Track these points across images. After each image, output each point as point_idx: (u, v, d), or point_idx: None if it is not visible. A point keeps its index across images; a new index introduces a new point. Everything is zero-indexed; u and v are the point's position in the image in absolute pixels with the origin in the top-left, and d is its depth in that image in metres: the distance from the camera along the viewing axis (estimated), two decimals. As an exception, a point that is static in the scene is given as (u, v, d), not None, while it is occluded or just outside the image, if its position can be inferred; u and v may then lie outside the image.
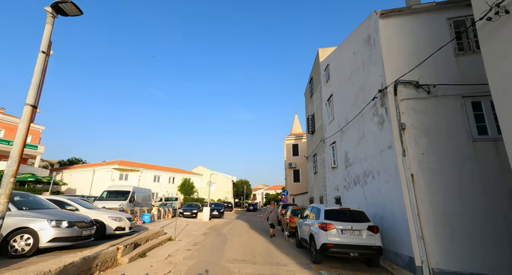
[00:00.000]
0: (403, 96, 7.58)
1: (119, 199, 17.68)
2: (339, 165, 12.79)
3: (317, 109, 17.72)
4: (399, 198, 7.19)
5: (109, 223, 8.82)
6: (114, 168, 38.58)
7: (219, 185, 55.21)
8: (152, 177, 42.89)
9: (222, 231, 15.06)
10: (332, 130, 13.82)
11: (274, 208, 13.16)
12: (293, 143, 30.83)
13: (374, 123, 8.84)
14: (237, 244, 10.74)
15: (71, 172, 41.08)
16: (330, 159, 14.17)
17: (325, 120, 15.55)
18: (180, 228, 15.35)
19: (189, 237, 12.56)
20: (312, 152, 18.70)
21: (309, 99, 20.32)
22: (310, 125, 18.99)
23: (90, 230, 6.85)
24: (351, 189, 11.00)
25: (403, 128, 7.36)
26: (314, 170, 18.18)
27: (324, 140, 15.53)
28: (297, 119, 44.96)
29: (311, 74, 19.46)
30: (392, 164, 7.62)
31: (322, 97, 16.14)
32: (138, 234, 9.76)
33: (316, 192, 17.63)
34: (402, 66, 7.79)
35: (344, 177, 11.99)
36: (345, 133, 11.89)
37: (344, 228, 7.11)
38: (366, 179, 9.50)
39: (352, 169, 10.97)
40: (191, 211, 24.32)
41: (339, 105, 12.89)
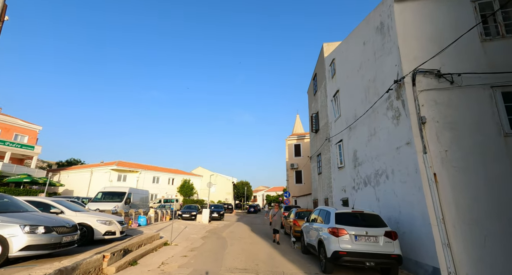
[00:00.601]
0: (423, 86, 6.81)
1: (115, 200, 16.92)
2: (346, 164, 12.01)
3: (321, 107, 16.96)
4: (420, 200, 6.41)
5: (97, 227, 8.05)
6: (112, 169, 37.85)
7: (219, 187, 54.40)
8: (151, 178, 42.13)
9: (222, 235, 14.27)
10: (339, 128, 13.05)
11: (278, 211, 11.86)
12: (295, 143, 30.06)
13: (388, 118, 8.07)
14: (238, 250, 9.96)
15: (68, 173, 40.37)
16: (336, 158, 13.39)
17: (330, 118, 14.79)
18: (178, 231, 14.56)
19: (187, 241, 11.78)
20: (316, 152, 17.92)
21: (312, 97, 19.57)
22: (313, 124, 18.22)
23: (72, 236, 6.09)
24: (361, 190, 10.22)
25: (423, 122, 6.59)
26: (318, 171, 17.39)
27: (330, 139, 14.75)
28: (298, 119, 44.26)
29: (315, 70, 18.72)
30: (410, 162, 6.84)
31: (327, 94, 15.39)
32: (130, 239, 8.99)
33: (320, 193, 16.83)
34: (421, 54, 7.03)
35: (352, 178, 11.21)
36: (353, 131, 11.12)
37: (358, 234, 6.32)
38: (378, 179, 8.72)
39: (361, 168, 10.20)
40: (190, 213, 23.53)
41: (346, 101, 12.13)
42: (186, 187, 45.43)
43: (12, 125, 33.20)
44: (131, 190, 18.29)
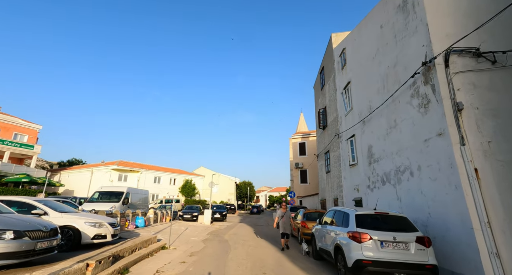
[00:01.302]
0: (458, 68, 5.86)
1: (112, 200, 16.09)
2: (359, 161, 11.05)
3: (329, 101, 16.00)
4: (457, 200, 5.45)
5: (85, 230, 7.18)
6: (113, 168, 37.15)
7: (221, 187, 53.55)
8: (152, 178, 41.38)
9: (224, 237, 13.36)
10: (350, 122, 12.09)
11: (286, 211, 10.28)
12: (300, 141, 29.08)
13: (413, 106, 7.11)
14: (242, 255, 9.04)
15: (69, 173, 39.73)
16: (347, 155, 12.42)
17: (340, 112, 13.82)
18: (178, 233, 13.68)
19: (187, 244, 10.89)
20: (324, 149, 16.95)
21: (319, 92, 18.61)
22: (321, 120, 17.26)
23: (50, 241, 5.21)
24: (378, 189, 9.25)
25: (459, 109, 5.63)
26: (327, 169, 16.42)
27: (339, 135, 13.79)
28: (302, 118, 43.32)
29: (322, 63, 17.78)
30: (443, 156, 5.88)
31: (336, 87, 14.43)
32: (123, 242, 8.11)
33: (329, 193, 15.86)
34: (455, 31, 6.08)
35: (367, 176, 10.25)
36: (368, 124, 10.16)
37: (384, 240, 5.37)
38: (400, 177, 7.76)
39: (378, 165, 9.23)
40: (191, 214, 22.69)
41: (359, 93, 11.18)
42: (188, 187, 44.65)
43: (12, 124, 32.59)
44: (129, 190, 17.46)
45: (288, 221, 10.12)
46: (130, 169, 38.49)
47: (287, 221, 10.11)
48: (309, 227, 11.41)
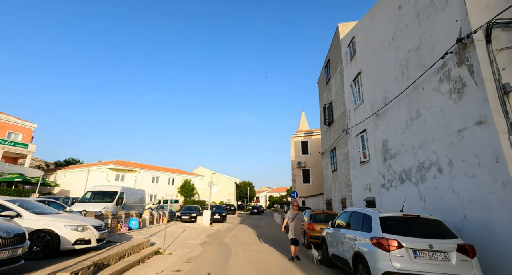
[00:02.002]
0: (502, 43, 4.96)
1: (105, 201, 15.15)
2: (372, 158, 10.14)
3: (336, 96, 15.10)
4: (506, 200, 4.53)
5: (65, 235, 6.26)
6: (110, 168, 36.17)
7: (221, 187, 52.60)
8: (150, 178, 40.42)
9: (224, 240, 12.42)
10: (361, 116, 11.18)
11: (297, 213, 8.51)
12: (302, 140, 28.16)
13: (442, 93, 6.19)
14: (244, 261, 8.12)
15: (65, 173, 38.76)
16: (357, 152, 11.51)
17: (348, 106, 12.91)
18: (174, 236, 12.75)
19: (183, 248, 9.95)
20: (330, 147, 16.04)
21: (324, 86, 17.71)
22: (327, 115, 16.35)
23: (13, 250, 4.29)
24: (395, 188, 8.33)
25: (506, 91, 4.72)
26: (333, 168, 15.51)
27: (348, 130, 12.87)
28: (304, 116, 42.50)
29: (328, 56, 16.88)
30: (485, 148, 4.97)
31: (344, 80, 13.53)
32: (110, 248, 7.17)
33: (335, 193, 14.94)
34: (495, 2, 5.16)
35: (381, 174, 9.33)
36: (382, 117, 9.25)
37: (418, 248, 4.45)
38: (424, 174, 6.84)
39: (396, 162, 8.31)
40: (190, 214, 21.72)
41: (371, 83, 10.27)
42: (187, 188, 43.70)
43: (5, 122, 31.61)
44: (124, 190, 16.51)
45: (299, 226, 8.37)
46: (128, 168, 37.53)
47: (299, 225, 8.37)
48: (317, 229, 10.51)
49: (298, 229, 8.35)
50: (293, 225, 8.35)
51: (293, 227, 8.32)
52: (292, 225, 8.36)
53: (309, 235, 10.61)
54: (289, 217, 8.51)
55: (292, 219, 8.41)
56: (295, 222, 8.35)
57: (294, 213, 8.56)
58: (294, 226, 8.31)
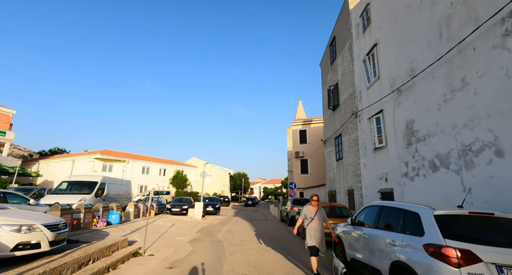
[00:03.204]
0: None
1: (83, 192, 13.47)
2: (390, 143, 8.69)
3: (342, 76, 13.52)
4: None
5: (1, 238, 4.64)
6: (96, 158, 34.18)
7: (215, 178, 51.18)
8: (140, 169, 38.60)
9: (217, 236, 10.98)
10: (376, 95, 9.67)
11: (318, 210, 5.84)
12: (301, 129, 26.68)
13: (507, 49, 4.66)
14: (241, 265, 6.68)
15: (48, 163, 36.57)
16: (370, 137, 10.05)
17: (359, 86, 11.37)
18: (161, 231, 11.24)
19: (169, 247, 8.45)
20: (334, 133, 14.58)
21: (328, 68, 16.09)
22: (331, 99, 14.81)
23: None
24: (423, 177, 6.92)
25: None
26: (337, 156, 14.09)
27: (358, 113, 11.38)
28: (301, 106, 41.05)
29: (333, 33, 15.19)
30: None
31: (353, 56, 11.93)
32: (68, 252, 5.56)
33: (340, 184, 13.59)
34: None
35: (403, 160, 7.90)
36: (408, 93, 7.74)
37: (504, 263, 3.00)
38: (471, 159, 5.40)
39: (425, 145, 6.87)
40: (180, 207, 20.24)
41: (392, 55, 8.71)
42: (179, 179, 42.07)
43: (0, 113, 29.22)
44: (105, 180, 14.82)
45: (321, 228, 5.71)
46: (116, 158, 35.59)
47: (319, 229, 5.64)
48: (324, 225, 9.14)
49: (321, 233, 5.65)
50: (313, 228, 5.64)
51: (314, 231, 5.62)
52: (312, 228, 5.64)
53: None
54: (306, 215, 5.81)
55: (311, 219, 5.68)
56: (315, 223, 5.65)
57: (312, 210, 5.81)
58: (315, 229, 5.62)
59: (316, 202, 5.82)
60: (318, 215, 5.74)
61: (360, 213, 5.78)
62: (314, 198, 5.82)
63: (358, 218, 5.77)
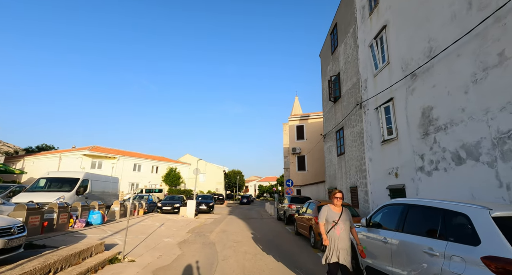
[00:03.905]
0: None
1: (63, 189, 12.34)
2: (402, 134, 7.83)
3: (345, 64, 12.62)
4: None
5: None
6: (85, 154, 32.79)
7: (209, 176, 50.09)
8: (132, 166, 37.30)
9: (210, 237, 10.03)
10: (385, 83, 8.79)
11: (343, 211, 4.18)
12: (298, 124, 25.82)
13: None
14: (235, 271, 5.76)
15: (34, 159, 34.98)
16: (378, 128, 9.19)
17: (364, 74, 10.49)
18: (147, 233, 10.23)
19: (154, 251, 7.46)
20: (335, 127, 13.71)
21: (329, 57, 15.18)
22: (332, 90, 13.92)
23: None
24: (444, 171, 6.06)
25: None
26: (339, 151, 13.24)
27: (363, 103, 10.50)
28: (297, 102, 40.14)
29: (334, 20, 14.27)
30: None
31: (358, 42, 11.02)
32: (19, 264, 4.51)
33: (341, 180, 12.74)
34: None
35: (417, 153, 7.05)
36: (424, 77, 6.86)
37: None
38: (510, 149, 4.53)
39: (447, 135, 6.01)
40: (172, 205, 19.20)
41: (404, 36, 7.82)
42: (172, 176, 40.91)
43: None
44: (88, 176, 13.68)
45: (348, 236, 4.07)
46: (105, 155, 34.23)
47: (347, 236, 4.04)
48: (327, 225, 8.26)
49: (347, 244, 3.97)
50: (336, 237, 3.94)
51: (338, 240, 3.92)
52: (335, 236, 3.94)
53: (317, 231, 8.36)
54: (328, 218, 4.10)
55: (334, 224, 4.02)
56: (340, 230, 3.98)
57: (336, 211, 4.14)
58: (339, 238, 3.93)
59: (341, 200, 4.20)
60: (344, 219, 4.09)
61: (377, 213, 4.89)
62: (338, 195, 4.19)
63: (374, 219, 4.87)
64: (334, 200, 4.22)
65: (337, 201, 4.18)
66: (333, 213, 4.16)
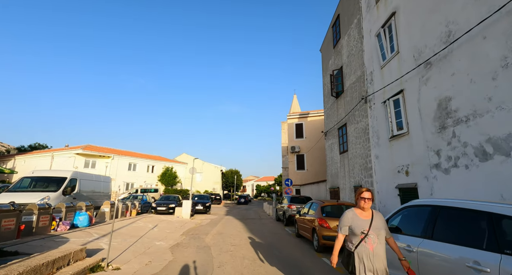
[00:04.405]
0: None
1: (49, 189, 11.57)
2: (414, 129, 7.21)
3: (349, 57, 11.99)
4: None
5: None
6: (78, 153, 31.90)
7: (206, 175, 49.32)
8: (126, 165, 36.43)
9: (205, 240, 9.34)
10: (393, 74, 8.17)
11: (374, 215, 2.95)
12: (297, 122, 25.19)
13: None
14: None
15: (25, 159, 34.01)
16: (386, 123, 8.57)
17: (369, 66, 9.87)
18: (138, 235, 9.50)
19: (143, 256, 6.76)
20: (338, 123, 13.08)
21: (331, 51, 14.55)
22: (334, 85, 13.29)
23: None
24: (465, 168, 5.44)
25: None
26: (341, 149, 12.61)
27: (368, 98, 9.88)
28: (296, 100, 39.57)
29: (337, 11, 13.64)
30: None
31: (363, 33, 10.40)
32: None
33: (344, 179, 12.12)
34: None
35: (432, 149, 6.43)
36: (441, 65, 6.24)
37: None
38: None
39: (469, 128, 5.39)
40: (167, 205, 18.49)
41: (417, 21, 7.20)
42: (168, 176, 40.09)
43: None
44: (76, 175, 12.92)
45: (384, 251, 2.87)
46: (99, 154, 33.35)
47: (383, 252, 2.84)
48: (332, 227, 7.65)
49: (385, 262, 2.86)
50: (369, 253, 2.79)
51: (372, 257, 2.78)
52: (368, 252, 2.79)
53: (320, 234, 7.73)
54: (354, 228, 2.90)
55: (363, 235, 2.83)
56: (373, 243, 2.82)
57: (364, 217, 2.94)
58: (373, 254, 2.78)
59: (371, 202, 2.96)
60: (377, 227, 2.88)
61: (395, 216, 4.24)
62: (366, 195, 2.95)
63: (392, 223, 4.23)
64: (360, 202, 2.95)
65: (364, 203, 2.92)
66: (360, 220, 2.89)
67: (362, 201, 2.96)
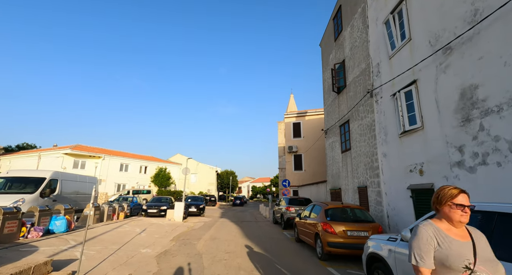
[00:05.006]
0: None
1: (26, 191, 10.54)
2: (430, 123, 6.46)
3: (352, 50, 11.26)
4: None
5: None
6: (66, 153, 30.62)
7: (201, 176, 48.25)
8: (118, 166, 35.23)
9: (196, 247, 8.45)
10: (404, 64, 7.43)
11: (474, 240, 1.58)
12: (294, 121, 24.44)
13: None
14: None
15: (10, 159, 32.57)
16: (397, 118, 7.82)
17: (376, 57, 9.13)
18: (122, 242, 8.55)
19: (124, 268, 5.84)
20: (339, 120, 12.32)
21: (332, 44, 13.81)
22: (335, 79, 12.54)
23: None
24: (497, 167, 4.70)
25: None
26: (343, 147, 11.85)
27: (374, 91, 9.13)
28: (292, 100, 38.94)
29: (338, 2, 12.91)
30: None
31: (369, 22, 9.67)
32: None
33: (347, 180, 11.35)
34: None
35: (454, 145, 5.68)
36: (464, 49, 5.50)
37: None
38: None
39: (501, 119, 4.65)
40: (158, 207, 17.52)
41: (434, 3, 6.46)
42: (162, 176, 38.95)
43: None
44: (56, 175, 11.89)
45: None
46: (89, 154, 32.10)
47: None
48: (338, 232, 6.86)
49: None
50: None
51: None
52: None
53: (325, 240, 6.92)
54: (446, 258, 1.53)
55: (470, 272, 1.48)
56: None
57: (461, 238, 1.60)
58: None
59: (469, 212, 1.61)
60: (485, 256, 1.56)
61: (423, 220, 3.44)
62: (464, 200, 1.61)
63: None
64: (453, 214, 1.61)
65: (462, 216, 1.60)
66: (455, 243, 1.58)
67: (458, 212, 1.59)
